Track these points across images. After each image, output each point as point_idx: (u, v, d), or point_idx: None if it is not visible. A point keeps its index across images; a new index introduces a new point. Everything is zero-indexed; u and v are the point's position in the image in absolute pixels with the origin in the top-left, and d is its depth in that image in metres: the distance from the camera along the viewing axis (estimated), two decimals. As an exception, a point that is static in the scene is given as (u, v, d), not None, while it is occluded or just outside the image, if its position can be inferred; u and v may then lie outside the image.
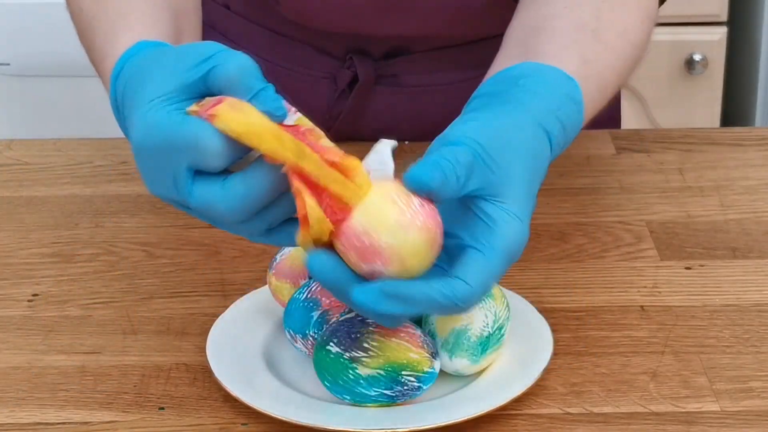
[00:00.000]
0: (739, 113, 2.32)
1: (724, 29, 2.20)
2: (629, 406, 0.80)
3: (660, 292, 0.92)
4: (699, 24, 2.19)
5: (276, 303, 0.87)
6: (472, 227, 0.72)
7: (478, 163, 0.72)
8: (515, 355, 0.82)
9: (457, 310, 0.71)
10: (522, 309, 0.86)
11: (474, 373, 0.81)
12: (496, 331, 0.80)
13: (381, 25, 1.08)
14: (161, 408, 0.81)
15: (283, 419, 0.77)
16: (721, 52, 2.20)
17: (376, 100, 1.13)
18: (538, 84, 0.79)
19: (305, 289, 0.82)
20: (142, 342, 0.87)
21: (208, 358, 0.82)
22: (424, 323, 0.81)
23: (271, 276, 0.86)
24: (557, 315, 0.88)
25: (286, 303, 0.83)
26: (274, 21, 1.12)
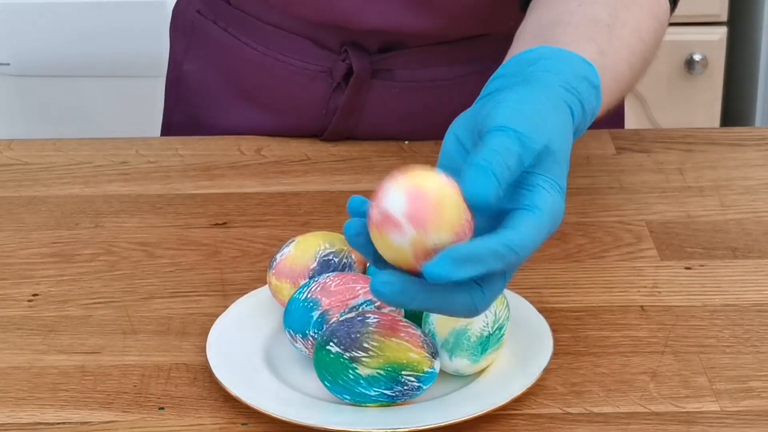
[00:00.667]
0: (739, 113, 2.32)
1: (724, 29, 2.20)
2: (629, 406, 0.80)
3: (660, 292, 0.92)
4: (699, 24, 2.19)
5: (276, 303, 0.87)
6: (516, 197, 0.73)
7: (525, 153, 0.73)
8: (515, 355, 0.82)
9: (516, 260, 0.71)
10: (522, 309, 0.86)
11: (474, 373, 0.81)
12: (496, 331, 0.80)
13: (364, 17, 1.08)
14: (161, 408, 0.81)
15: (283, 419, 0.77)
16: (721, 52, 2.20)
17: (372, 96, 1.13)
18: (557, 63, 0.80)
19: (305, 289, 0.82)
20: (142, 342, 0.87)
21: (208, 358, 0.82)
22: (424, 323, 0.81)
23: (271, 276, 0.86)
24: (557, 315, 0.88)
25: (286, 303, 0.83)
26: (271, 14, 1.13)
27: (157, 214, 1.04)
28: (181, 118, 1.24)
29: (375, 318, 0.78)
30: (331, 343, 0.77)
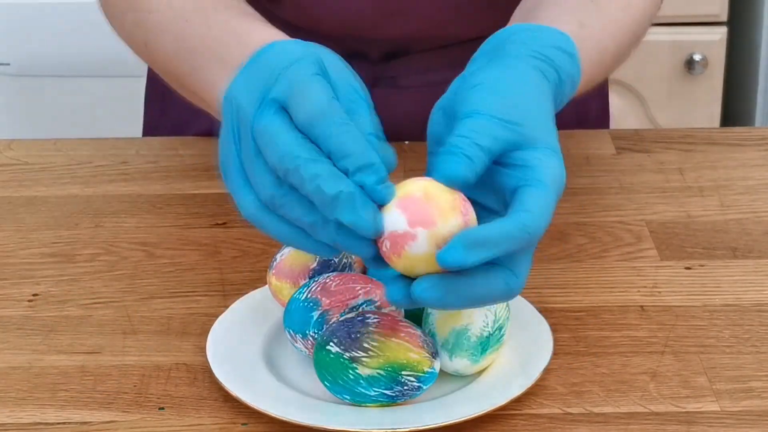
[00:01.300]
0: (739, 113, 2.32)
1: (724, 29, 2.20)
2: (629, 406, 0.80)
3: (660, 292, 0.92)
4: (699, 24, 2.19)
5: (276, 303, 0.87)
6: (514, 176, 0.73)
7: (500, 131, 0.74)
8: (515, 355, 0.82)
9: (530, 240, 0.71)
10: (522, 309, 0.86)
11: (474, 373, 0.81)
12: (496, 331, 0.80)
13: (381, 27, 1.08)
14: (161, 408, 0.81)
15: (283, 419, 0.77)
16: (721, 52, 2.20)
17: (374, 103, 1.13)
18: (528, 36, 0.81)
19: (305, 289, 0.82)
20: (142, 342, 0.87)
21: (208, 358, 0.82)
22: (424, 323, 0.81)
23: (271, 276, 0.86)
24: (557, 315, 0.88)
25: (286, 303, 0.83)
26: (275, 25, 1.13)
27: (157, 214, 1.04)
28: (167, 121, 1.23)
29: (375, 318, 0.78)
30: (331, 343, 0.77)
